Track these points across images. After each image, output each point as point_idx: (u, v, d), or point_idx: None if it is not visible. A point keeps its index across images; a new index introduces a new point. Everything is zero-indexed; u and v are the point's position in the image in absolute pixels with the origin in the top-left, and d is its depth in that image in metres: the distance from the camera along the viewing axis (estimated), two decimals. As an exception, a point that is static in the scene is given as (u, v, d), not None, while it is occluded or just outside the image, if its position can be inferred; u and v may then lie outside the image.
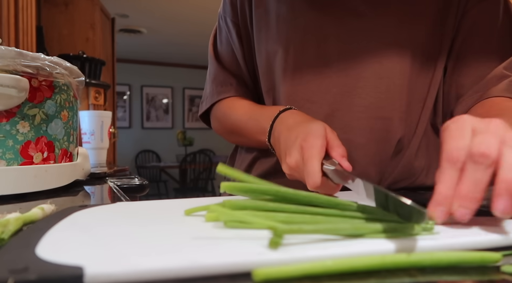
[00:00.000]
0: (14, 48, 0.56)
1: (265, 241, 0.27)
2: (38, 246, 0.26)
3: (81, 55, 2.46)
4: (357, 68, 0.65)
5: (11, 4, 1.78)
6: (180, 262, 0.23)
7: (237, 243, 0.27)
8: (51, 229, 0.31)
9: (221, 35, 0.78)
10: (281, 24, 0.68)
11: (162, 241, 0.28)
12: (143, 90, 6.58)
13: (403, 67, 0.64)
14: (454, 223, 0.32)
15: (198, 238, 0.28)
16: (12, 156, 0.56)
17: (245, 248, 0.26)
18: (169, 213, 0.39)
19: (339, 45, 0.65)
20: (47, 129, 0.60)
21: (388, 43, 0.64)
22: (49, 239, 0.28)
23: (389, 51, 0.64)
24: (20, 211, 0.37)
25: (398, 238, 0.29)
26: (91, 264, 0.22)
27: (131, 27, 4.80)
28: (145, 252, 0.25)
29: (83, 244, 0.27)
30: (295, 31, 0.67)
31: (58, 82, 0.62)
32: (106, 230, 0.32)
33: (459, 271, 0.25)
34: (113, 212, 0.39)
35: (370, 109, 0.65)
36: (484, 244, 0.29)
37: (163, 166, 5.88)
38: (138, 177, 0.87)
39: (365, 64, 0.65)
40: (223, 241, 0.28)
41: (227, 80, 0.76)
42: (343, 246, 0.27)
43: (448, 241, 0.29)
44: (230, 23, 0.75)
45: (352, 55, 0.65)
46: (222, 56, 0.78)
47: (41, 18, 2.67)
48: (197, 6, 4.01)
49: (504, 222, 0.34)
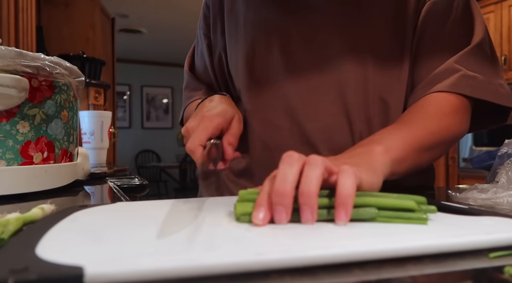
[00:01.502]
0: (14, 48, 0.55)
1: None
2: (38, 246, 0.26)
3: (81, 55, 2.46)
4: (321, 65, 0.65)
5: (11, 4, 1.78)
6: (180, 262, 0.23)
7: (235, 243, 0.27)
8: (51, 229, 0.31)
9: (197, 48, 0.83)
10: (248, 27, 0.70)
11: (163, 241, 0.28)
12: (143, 90, 6.58)
13: (363, 67, 0.65)
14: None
15: (198, 238, 0.28)
16: (12, 156, 0.56)
17: (243, 249, 0.26)
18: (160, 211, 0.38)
19: (303, 44, 0.66)
20: (47, 129, 0.60)
21: (349, 47, 0.65)
22: (49, 239, 0.28)
23: (350, 55, 0.65)
24: (20, 211, 0.37)
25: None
26: (91, 264, 0.22)
27: (131, 27, 4.80)
28: (145, 252, 0.25)
29: (83, 244, 0.27)
30: (259, 32, 0.69)
31: (58, 82, 0.62)
32: (106, 230, 0.32)
33: (459, 271, 0.25)
34: (113, 212, 0.39)
35: (333, 105, 0.65)
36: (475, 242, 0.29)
37: (163, 166, 5.88)
38: (138, 177, 0.87)
39: (328, 62, 0.65)
40: (224, 239, 0.28)
41: (198, 86, 0.82)
42: (343, 246, 0.27)
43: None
44: (203, 36, 0.79)
45: (316, 54, 0.66)
46: (196, 67, 0.84)
47: (41, 18, 2.67)
48: (197, 6, 4.00)
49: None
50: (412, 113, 0.60)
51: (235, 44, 0.72)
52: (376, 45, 0.65)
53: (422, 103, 0.61)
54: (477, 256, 0.28)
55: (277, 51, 0.67)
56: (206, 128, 0.54)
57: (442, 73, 0.62)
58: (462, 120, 0.61)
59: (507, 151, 0.61)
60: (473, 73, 0.61)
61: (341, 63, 0.65)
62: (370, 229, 0.32)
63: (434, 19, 0.64)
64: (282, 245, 0.28)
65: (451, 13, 0.64)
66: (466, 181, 2.92)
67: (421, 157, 0.55)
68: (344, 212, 0.33)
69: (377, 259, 0.26)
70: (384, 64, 0.65)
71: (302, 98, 0.66)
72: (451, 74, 0.61)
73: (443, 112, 0.59)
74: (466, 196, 0.52)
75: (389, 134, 0.53)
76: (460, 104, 0.60)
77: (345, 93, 0.65)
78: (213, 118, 0.56)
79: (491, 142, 2.75)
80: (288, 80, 0.67)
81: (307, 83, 0.66)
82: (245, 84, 0.71)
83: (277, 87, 0.68)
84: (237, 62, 0.72)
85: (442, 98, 0.60)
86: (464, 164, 3.01)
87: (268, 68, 0.68)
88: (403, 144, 0.51)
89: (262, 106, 0.69)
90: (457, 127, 0.60)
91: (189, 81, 0.83)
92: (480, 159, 0.68)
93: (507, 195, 0.49)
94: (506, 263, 0.26)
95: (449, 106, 0.60)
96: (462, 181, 3.00)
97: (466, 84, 0.60)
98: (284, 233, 0.31)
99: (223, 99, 0.64)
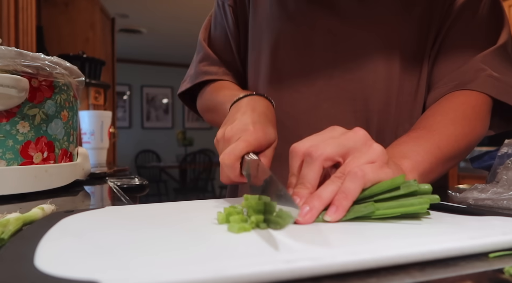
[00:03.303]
0: (14, 48, 0.55)
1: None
2: (36, 259, 0.24)
3: (81, 55, 2.46)
4: (345, 63, 0.65)
5: (11, 4, 1.78)
6: (208, 274, 0.21)
7: (253, 250, 0.26)
8: (43, 238, 0.29)
9: (215, 21, 0.77)
10: (275, 18, 0.69)
11: (172, 249, 0.26)
12: (143, 90, 6.58)
13: (390, 65, 0.64)
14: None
15: (213, 246, 0.27)
16: (12, 156, 0.56)
17: (265, 256, 0.24)
18: (164, 217, 0.38)
19: (329, 37, 0.65)
20: (47, 129, 0.60)
21: (377, 43, 0.64)
22: (46, 250, 0.26)
23: (378, 51, 0.64)
24: (20, 211, 0.37)
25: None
26: (107, 278, 0.20)
27: (131, 27, 4.80)
28: (161, 262, 0.23)
29: (86, 255, 0.25)
30: (285, 23, 0.68)
31: (58, 82, 0.61)
32: (104, 237, 0.30)
33: (460, 271, 0.25)
34: (105, 217, 0.37)
35: (356, 103, 0.65)
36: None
37: (163, 166, 5.88)
38: (138, 177, 0.87)
39: (353, 59, 0.65)
40: (239, 247, 0.27)
41: (216, 62, 0.75)
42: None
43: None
44: (227, 8, 0.74)
45: (340, 49, 0.65)
46: (214, 42, 0.77)
47: (41, 18, 2.66)
48: (197, 6, 4.01)
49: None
50: (435, 117, 0.58)
51: (262, 32, 0.70)
52: (403, 43, 0.64)
53: (445, 103, 0.60)
54: (477, 256, 0.28)
55: (301, 44, 0.67)
56: (247, 146, 0.45)
57: (467, 71, 0.61)
58: (484, 122, 0.60)
59: (507, 151, 0.61)
60: (497, 75, 0.60)
61: (369, 60, 0.64)
62: (383, 231, 0.31)
63: (461, 18, 0.63)
64: (311, 251, 0.26)
65: (477, 13, 0.63)
66: (466, 181, 2.92)
67: (446, 166, 0.54)
68: (335, 209, 0.34)
69: (403, 264, 0.25)
70: (408, 63, 0.65)
71: (321, 94, 0.66)
72: (477, 73, 0.60)
73: (467, 115, 0.57)
74: (466, 196, 0.52)
75: (415, 145, 0.51)
76: (483, 105, 0.59)
77: (367, 88, 0.64)
78: (258, 137, 0.47)
79: (491, 141, 2.75)
80: (310, 74, 0.66)
81: (328, 80, 0.65)
82: (267, 74, 0.69)
83: (297, 80, 0.67)
84: (259, 53, 0.71)
85: (466, 98, 0.59)
86: (464, 164, 3.01)
87: (291, 60, 0.67)
88: (430, 157, 0.50)
89: (282, 99, 0.67)
90: (480, 129, 0.59)
91: (206, 55, 0.76)
92: (480, 159, 0.68)
93: (507, 195, 0.49)
94: (506, 263, 0.26)
95: (472, 108, 0.58)
96: (462, 181, 3.00)
97: (492, 85, 0.59)
98: (304, 238, 0.29)
99: (268, 111, 0.55)
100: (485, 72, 0.60)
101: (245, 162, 0.45)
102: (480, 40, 0.63)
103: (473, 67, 0.61)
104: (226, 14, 0.74)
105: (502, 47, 0.62)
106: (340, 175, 0.36)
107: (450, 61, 0.63)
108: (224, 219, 0.33)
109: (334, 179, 0.36)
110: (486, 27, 0.64)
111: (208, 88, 0.74)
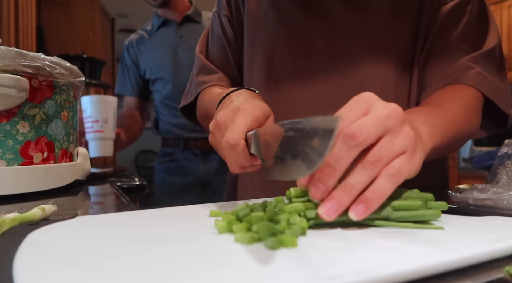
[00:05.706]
0: (14, 48, 0.55)
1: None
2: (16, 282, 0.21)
3: (81, 55, 2.46)
4: (342, 67, 0.65)
5: (11, 4, 1.78)
6: None
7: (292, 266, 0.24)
8: (16, 258, 0.25)
9: (212, 33, 0.79)
10: (270, 24, 0.69)
11: (200, 273, 0.23)
12: (143, 90, 6.57)
13: (384, 69, 0.65)
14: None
15: (245, 265, 0.24)
16: (12, 156, 0.56)
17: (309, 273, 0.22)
18: (143, 226, 0.34)
19: (325, 43, 0.66)
20: (47, 129, 0.60)
21: (372, 47, 0.65)
22: (26, 273, 0.22)
23: (373, 55, 0.65)
24: (20, 211, 0.37)
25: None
26: None
27: (131, 27, 4.79)
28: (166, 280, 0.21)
29: (77, 277, 0.22)
30: (281, 29, 0.68)
31: (58, 82, 0.61)
32: (88, 253, 0.26)
33: (462, 273, 0.25)
34: (79, 229, 0.33)
35: None
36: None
37: (163, 166, 5.87)
38: (138, 177, 0.87)
39: (349, 63, 0.65)
40: (270, 263, 0.24)
41: (212, 70, 0.76)
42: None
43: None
44: (224, 18, 0.75)
45: (335, 55, 0.66)
46: (211, 53, 0.79)
47: (41, 18, 2.66)
48: (197, 6, 4.00)
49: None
50: (441, 98, 0.58)
51: (255, 39, 0.71)
52: (395, 48, 0.65)
53: (445, 92, 0.60)
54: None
55: (298, 50, 0.67)
56: (246, 120, 0.43)
57: (457, 69, 0.62)
58: (478, 117, 0.61)
59: (507, 151, 0.61)
60: (486, 73, 0.61)
61: (365, 64, 0.64)
62: (405, 236, 0.30)
63: (449, 23, 0.64)
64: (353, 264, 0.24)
65: (464, 17, 0.64)
66: (466, 181, 2.92)
67: (450, 147, 0.54)
68: (364, 209, 0.32)
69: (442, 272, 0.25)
70: (401, 67, 0.66)
71: (320, 95, 0.66)
72: (467, 70, 0.61)
73: (468, 104, 0.58)
74: (466, 196, 0.52)
75: (430, 116, 0.49)
76: (474, 98, 0.60)
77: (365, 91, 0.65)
78: (251, 110, 0.45)
79: (491, 141, 2.75)
80: (307, 80, 0.66)
81: (326, 84, 0.66)
82: (263, 81, 0.70)
83: (294, 86, 0.67)
84: (253, 58, 0.71)
85: (459, 90, 0.60)
86: (464, 164, 3.01)
87: (288, 66, 0.68)
88: (444, 130, 0.48)
89: (278, 104, 0.67)
90: (476, 123, 0.60)
91: (203, 65, 0.78)
92: (480, 159, 0.68)
93: (507, 195, 0.49)
94: (506, 263, 0.26)
95: (465, 99, 0.59)
96: (462, 181, 2.99)
97: (481, 81, 0.60)
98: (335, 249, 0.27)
99: (254, 94, 0.55)
100: (474, 70, 0.61)
101: (250, 138, 0.41)
102: (469, 44, 0.64)
103: (462, 66, 0.62)
104: (222, 24, 0.76)
105: (490, 51, 0.63)
106: (375, 161, 0.32)
107: (441, 64, 0.64)
108: (225, 227, 0.31)
109: (367, 165, 0.32)
110: (474, 31, 0.65)
111: (201, 97, 0.75)
